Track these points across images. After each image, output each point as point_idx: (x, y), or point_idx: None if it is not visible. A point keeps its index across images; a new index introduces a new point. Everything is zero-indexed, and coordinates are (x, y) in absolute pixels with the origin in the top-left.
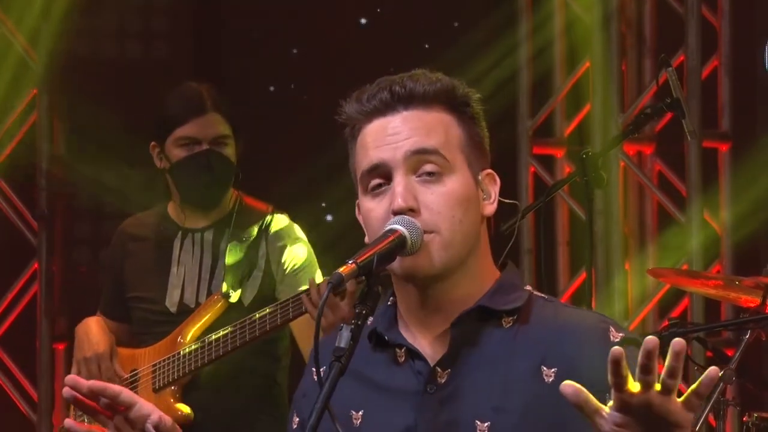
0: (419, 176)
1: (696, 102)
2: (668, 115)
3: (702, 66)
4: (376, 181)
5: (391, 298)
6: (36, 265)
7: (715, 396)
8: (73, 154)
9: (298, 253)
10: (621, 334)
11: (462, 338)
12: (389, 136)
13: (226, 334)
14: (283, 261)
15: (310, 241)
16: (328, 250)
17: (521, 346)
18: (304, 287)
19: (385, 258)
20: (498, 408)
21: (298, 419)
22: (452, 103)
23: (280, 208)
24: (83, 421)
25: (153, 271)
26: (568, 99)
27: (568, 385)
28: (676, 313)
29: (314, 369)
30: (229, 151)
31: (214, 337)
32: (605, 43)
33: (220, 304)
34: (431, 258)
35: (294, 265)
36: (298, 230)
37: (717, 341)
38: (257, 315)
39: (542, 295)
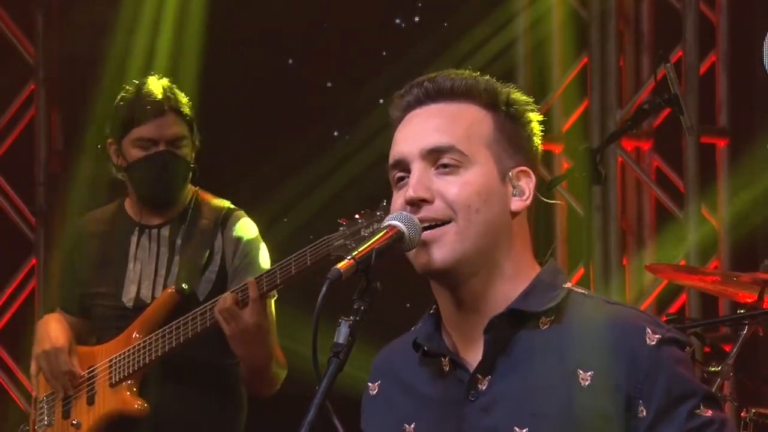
0: (437, 168)
1: (694, 98)
2: (666, 111)
3: (700, 62)
4: (399, 175)
5: (434, 306)
6: (34, 261)
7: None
8: (71, 150)
9: (251, 249)
10: (658, 336)
11: (496, 343)
12: (411, 130)
13: (178, 326)
14: (236, 254)
15: (267, 239)
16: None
17: (558, 348)
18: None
19: (384, 253)
20: (535, 413)
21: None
22: (486, 101)
23: (237, 205)
24: (43, 423)
25: (110, 267)
26: (566, 95)
27: None
28: (673, 308)
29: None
30: (186, 150)
31: (166, 329)
32: (603, 39)
33: (174, 298)
34: (446, 248)
35: (247, 257)
36: (252, 226)
37: (714, 337)
38: (204, 307)
39: (582, 290)
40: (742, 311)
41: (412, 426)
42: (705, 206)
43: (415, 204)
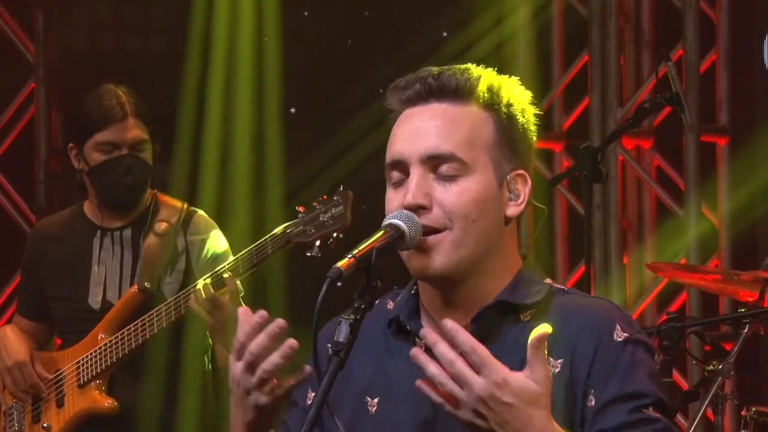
0: (436, 174)
1: (694, 96)
2: (667, 110)
3: (700, 60)
4: (397, 175)
5: (414, 287)
6: None
7: (713, 390)
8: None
9: (216, 243)
10: (626, 335)
11: (482, 334)
12: (412, 131)
13: (143, 324)
14: (202, 253)
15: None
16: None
17: None
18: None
19: (384, 252)
20: None
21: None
22: (487, 101)
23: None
24: (14, 430)
25: (73, 271)
26: (566, 93)
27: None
28: (674, 307)
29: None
30: (147, 154)
31: (131, 327)
32: (604, 37)
33: (137, 297)
34: (441, 257)
35: (213, 255)
36: (212, 224)
37: (715, 335)
38: (165, 304)
39: (562, 286)
40: (742, 310)
41: (376, 400)
42: (705, 204)
43: (413, 210)
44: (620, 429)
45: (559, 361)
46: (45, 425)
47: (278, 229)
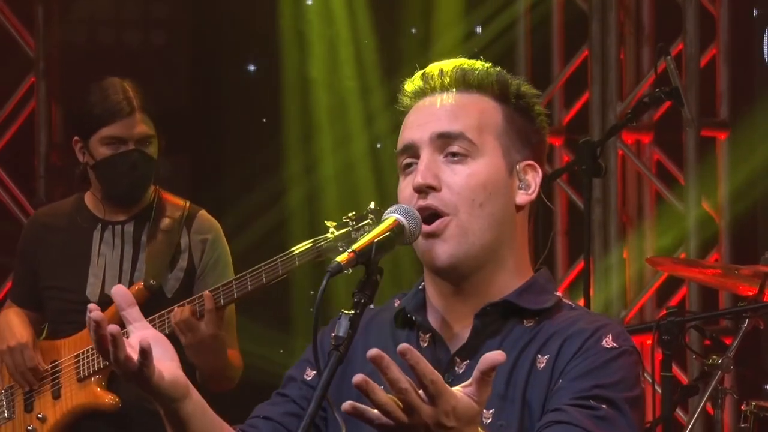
0: (445, 156)
1: (694, 90)
2: (667, 104)
3: (700, 54)
4: (407, 161)
5: (422, 284)
6: None
7: (713, 385)
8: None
9: (217, 247)
10: (615, 344)
11: (483, 330)
12: (422, 116)
13: (154, 323)
14: (205, 253)
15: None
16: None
17: (531, 341)
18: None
19: (384, 247)
20: (503, 396)
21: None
22: (496, 92)
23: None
24: (3, 417)
25: (71, 262)
26: (566, 87)
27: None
28: (674, 301)
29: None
30: (153, 149)
31: None
32: (604, 32)
33: (142, 294)
34: (450, 245)
35: (215, 258)
36: (215, 223)
37: (715, 330)
38: (171, 310)
39: (570, 302)
40: (742, 304)
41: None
42: (705, 199)
43: (423, 191)
44: (556, 410)
45: (545, 357)
46: (40, 416)
47: (308, 243)
